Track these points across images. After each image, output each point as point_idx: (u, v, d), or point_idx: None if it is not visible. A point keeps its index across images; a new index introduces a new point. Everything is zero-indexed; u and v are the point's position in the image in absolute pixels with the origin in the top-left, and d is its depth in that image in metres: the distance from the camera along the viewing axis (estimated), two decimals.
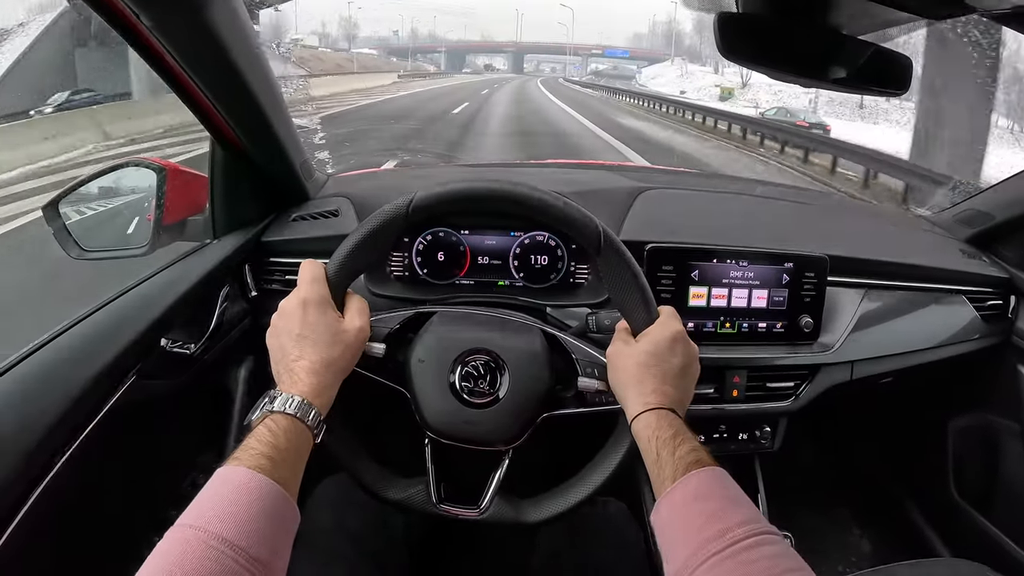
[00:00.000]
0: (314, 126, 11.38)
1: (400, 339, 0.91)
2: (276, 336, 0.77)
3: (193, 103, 0.99)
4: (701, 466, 0.67)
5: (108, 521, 0.91)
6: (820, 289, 1.18)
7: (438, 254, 1.12)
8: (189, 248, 1.15)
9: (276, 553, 0.58)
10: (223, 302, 1.09)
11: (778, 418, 1.24)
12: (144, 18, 0.77)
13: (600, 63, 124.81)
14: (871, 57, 0.73)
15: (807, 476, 1.79)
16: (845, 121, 28.80)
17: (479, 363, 0.88)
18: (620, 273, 0.85)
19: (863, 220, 1.44)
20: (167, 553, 0.53)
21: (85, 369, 0.82)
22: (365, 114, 18.20)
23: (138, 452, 0.97)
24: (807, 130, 15.85)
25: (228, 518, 0.56)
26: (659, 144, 15.13)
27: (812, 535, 1.67)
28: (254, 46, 0.95)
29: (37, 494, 0.72)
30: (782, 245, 1.20)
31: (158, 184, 1.12)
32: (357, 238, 0.84)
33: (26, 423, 0.74)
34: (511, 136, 14.85)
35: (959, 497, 1.52)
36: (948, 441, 1.54)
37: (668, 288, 1.15)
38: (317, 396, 0.72)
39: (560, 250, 1.12)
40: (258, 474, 0.60)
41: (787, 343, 1.20)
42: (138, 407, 0.90)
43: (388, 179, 1.59)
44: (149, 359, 0.92)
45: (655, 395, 0.76)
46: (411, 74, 52.55)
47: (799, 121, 19.46)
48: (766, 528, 0.60)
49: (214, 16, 0.83)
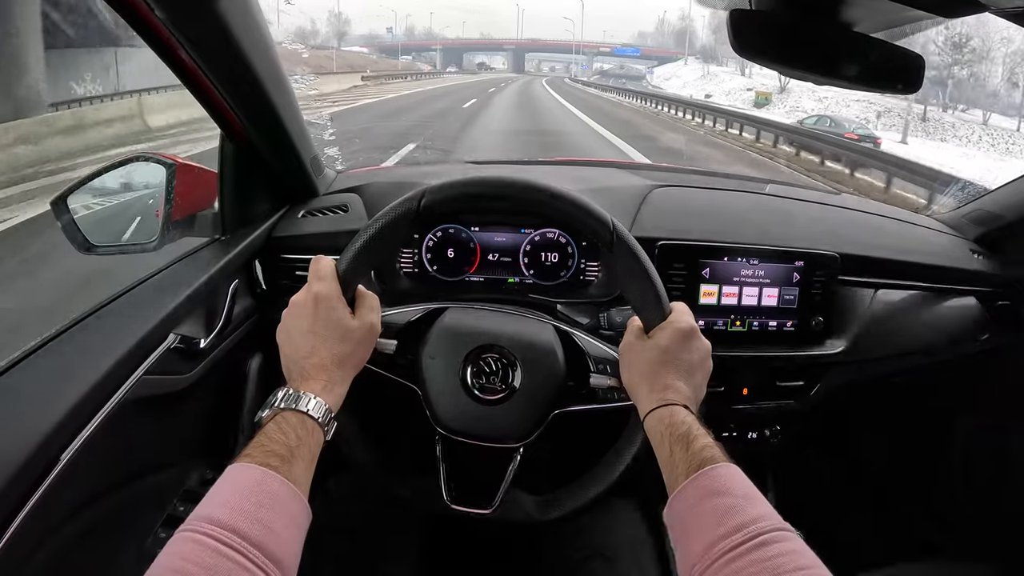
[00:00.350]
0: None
1: (411, 335, 0.91)
2: (287, 333, 0.77)
3: (204, 97, 0.99)
4: (715, 462, 0.67)
5: (116, 515, 0.91)
6: (830, 288, 1.18)
7: (448, 250, 1.12)
8: (198, 244, 1.15)
9: (288, 551, 0.58)
10: (232, 297, 1.09)
11: (788, 417, 1.24)
12: (159, 11, 0.78)
13: (605, 62, 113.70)
14: (883, 55, 0.72)
15: (816, 475, 1.78)
16: (897, 134, 26.47)
17: (491, 359, 0.88)
18: (632, 269, 0.84)
19: (873, 219, 1.43)
20: (180, 551, 0.52)
21: (93, 364, 0.82)
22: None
23: (146, 446, 0.97)
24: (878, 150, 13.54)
25: (240, 516, 0.55)
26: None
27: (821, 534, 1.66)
28: (267, 41, 0.96)
29: (44, 488, 0.72)
30: (793, 243, 1.19)
31: (167, 179, 1.11)
32: (368, 234, 0.83)
33: (34, 416, 0.74)
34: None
35: (968, 496, 1.51)
36: (956, 441, 1.54)
37: (679, 286, 1.15)
38: (328, 393, 0.72)
39: (570, 247, 1.12)
40: (270, 471, 0.60)
41: (797, 342, 1.20)
42: (146, 402, 0.90)
43: (397, 175, 1.58)
44: (158, 354, 0.92)
45: (668, 391, 0.76)
46: (381, 75, 41.47)
47: (847, 133, 16.55)
48: (781, 525, 0.60)
49: (228, 10, 0.83)
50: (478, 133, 14.51)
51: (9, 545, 0.67)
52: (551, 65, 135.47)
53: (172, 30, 0.82)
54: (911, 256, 1.32)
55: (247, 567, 0.52)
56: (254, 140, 1.11)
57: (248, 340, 1.17)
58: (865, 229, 1.38)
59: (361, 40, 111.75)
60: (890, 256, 1.30)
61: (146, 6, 0.76)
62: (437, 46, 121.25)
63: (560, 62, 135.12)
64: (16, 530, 0.68)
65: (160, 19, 0.79)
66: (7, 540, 0.67)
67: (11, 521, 0.68)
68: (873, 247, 1.30)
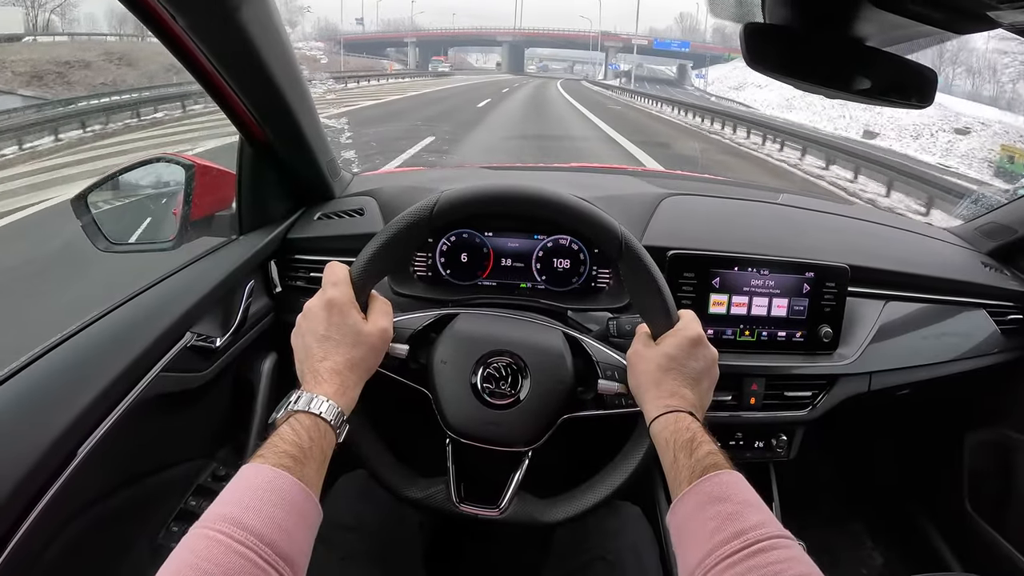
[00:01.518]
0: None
1: (423, 340, 0.92)
2: (301, 336, 0.78)
3: (223, 101, 1.01)
4: (718, 469, 0.67)
5: (131, 508, 0.93)
6: (840, 299, 1.18)
7: (461, 255, 1.13)
8: (215, 244, 1.17)
9: (300, 550, 0.59)
10: (247, 298, 1.11)
11: (794, 427, 1.24)
12: (180, 20, 0.79)
13: (622, 62, 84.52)
14: (895, 69, 0.73)
15: (822, 486, 1.78)
16: None
17: (501, 365, 0.89)
18: (641, 277, 0.85)
19: (885, 230, 1.43)
20: (193, 549, 0.54)
21: (111, 361, 0.84)
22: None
23: (161, 442, 0.99)
24: None
25: (253, 515, 0.57)
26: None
27: (825, 546, 1.67)
28: (286, 46, 0.97)
29: (62, 480, 0.74)
30: (803, 254, 1.20)
31: (186, 180, 1.14)
32: (381, 240, 0.84)
33: (54, 411, 0.76)
34: None
35: (974, 513, 1.50)
36: (965, 456, 1.53)
37: (688, 295, 1.15)
38: (340, 396, 0.73)
39: (582, 254, 1.13)
40: (283, 472, 0.61)
41: (806, 352, 1.20)
42: (162, 399, 0.92)
43: (413, 179, 1.60)
44: (174, 352, 0.94)
45: (674, 398, 0.77)
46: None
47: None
48: (781, 532, 0.60)
49: (248, 17, 0.84)
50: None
51: (27, 535, 0.69)
52: (569, 65, 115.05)
53: (192, 37, 0.84)
54: (922, 268, 1.32)
55: (260, 565, 0.54)
56: (272, 143, 1.13)
57: (262, 340, 1.19)
58: (876, 240, 1.38)
59: (320, 35, 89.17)
60: (901, 268, 1.30)
61: (167, 13, 0.78)
62: (409, 38, 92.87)
63: (562, 60, 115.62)
64: (34, 520, 0.70)
65: (181, 26, 0.80)
66: (25, 530, 0.69)
67: (29, 511, 0.70)
68: (884, 259, 1.30)
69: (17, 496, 0.69)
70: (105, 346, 0.87)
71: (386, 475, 0.90)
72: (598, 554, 1.00)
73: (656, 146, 13.70)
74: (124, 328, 0.91)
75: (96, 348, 0.86)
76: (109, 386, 0.82)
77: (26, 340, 0.86)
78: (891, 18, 0.63)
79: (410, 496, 0.90)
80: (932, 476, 1.67)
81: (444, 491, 0.90)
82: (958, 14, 0.61)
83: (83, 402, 0.78)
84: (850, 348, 1.21)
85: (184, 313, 0.97)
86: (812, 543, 1.07)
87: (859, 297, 1.25)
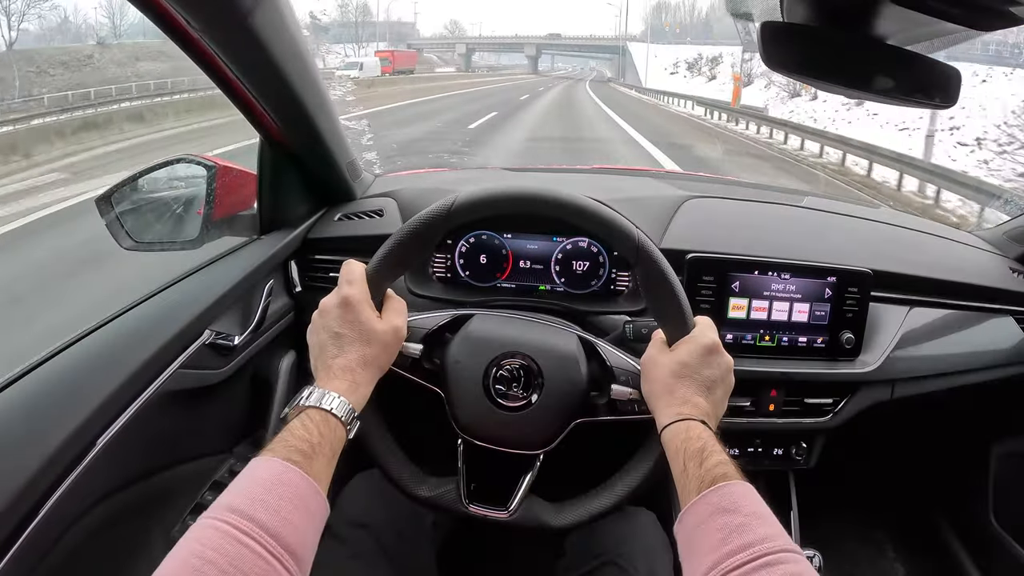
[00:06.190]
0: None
1: (437, 340, 0.92)
2: (315, 333, 0.79)
3: (242, 104, 1.02)
4: (728, 480, 0.66)
5: (147, 501, 0.94)
6: (863, 304, 1.16)
7: (480, 256, 1.13)
8: (237, 243, 1.18)
9: (304, 544, 0.59)
10: (267, 297, 1.12)
11: (815, 435, 1.22)
12: (194, 23, 0.80)
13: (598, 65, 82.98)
14: (918, 68, 0.72)
15: (842, 496, 1.75)
16: None
17: (514, 367, 0.88)
18: (657, 282, 0.84)
19: (910, 234, 1.40)
20: (198, 538, 0.54)
21: (131, 356, 0.86)
22: None
23: (179, 437, 1.00)
24: None
25: (260, 507, 0.57)
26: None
27: (845, 556, 1.63)
28: (301, 48, 0.98)
29: (79, 471, 0.75)
30: (826, 258, 1.18)
31: (208, 180, 1.15)
32: (397, 239, 0.85)
33: (73, 403, 0.77)
34: None
35: (998, 526, 1.47)
36: (990, 467, 1.49)
37: (708, 299, 1.14)
38: (352, 393, 0.73)
39: (602, 257, 1.12)
40: (291, 466, 0.62)
41: (827, 359, 1.17)
42: (181, 394, 0.93)
43: (434, 180, 1.60)
44: (193, 349, 0.95)
45: (686, 406, 0.76)
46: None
47: None
48: (788, 546, 0.59)
49: (263, 20, 0.85)
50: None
51: (43, 524, 0.71)
52: (572, 65, 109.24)
53: (208, 41, 0.84)
54: (948, 274, 1.29)
55: (264, 556, 0.54)
56: (292, 145, 1.14)
57: (282, 339, 1.20)
58: (901, 245, 1.35)
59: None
60: (926, 273, 1.27)
61: (182, 18, 0.79)
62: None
63: (574, 61, 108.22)
64: (50, 509, 0.71)
65: (195, 29, 0.81)
66: (41, 518, 0.70)
67: (46, 500, 0.71)
68: (909, 263, 1.27)
69: (35, 484, 0.70)
70: (125, 341, 0.89)
71: (396, 472, 0.90)
72: (610, 558, 0.99)
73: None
74: (144, 324, 0.93)
75: (117, 343, 0.88)
76: (128, 380, 0.83)
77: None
78: (912, 15, 0.62)
79: (420, 495, 0.90)
80: (957, 487, 1.63)
81: (454, 491, 0.89)
82: (981, 10, 0.59)
83: (102, 395, 0.80)
84: (872, 355, 1.19)
85: (203, 311, 0.98)
86: (832, 553, 1.05)
87: (882, 303, 1.23)
